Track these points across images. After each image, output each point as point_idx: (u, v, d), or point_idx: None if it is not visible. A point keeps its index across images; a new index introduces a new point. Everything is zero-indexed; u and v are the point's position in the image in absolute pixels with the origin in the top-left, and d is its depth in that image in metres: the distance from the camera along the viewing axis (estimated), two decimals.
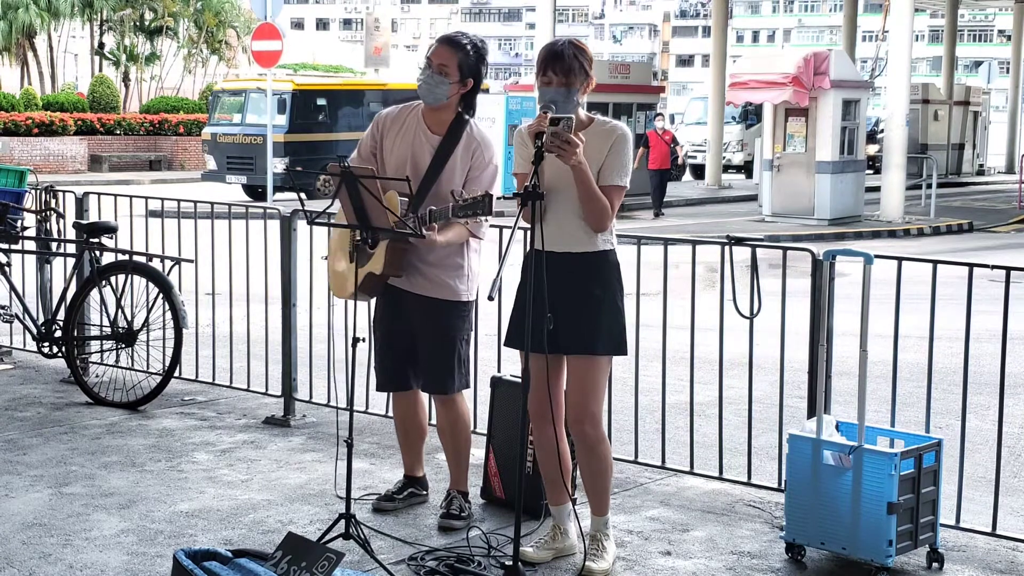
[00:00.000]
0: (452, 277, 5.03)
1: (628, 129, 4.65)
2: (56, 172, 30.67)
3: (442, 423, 5.27)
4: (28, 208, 8.09)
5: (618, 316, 4.60)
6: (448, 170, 4.96)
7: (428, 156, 4.99)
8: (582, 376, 4.60)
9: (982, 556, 4.94)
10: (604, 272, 4.58)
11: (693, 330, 5.99)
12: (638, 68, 29.48)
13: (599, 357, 4.60)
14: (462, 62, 4.95)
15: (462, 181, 4.95)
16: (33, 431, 6.58)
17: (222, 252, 7.40)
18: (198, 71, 46.57)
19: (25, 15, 40.27)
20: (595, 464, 4.70)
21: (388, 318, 5.15)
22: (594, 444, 4.66)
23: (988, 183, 34.98)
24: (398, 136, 5.08)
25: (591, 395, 4.61)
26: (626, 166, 4.57)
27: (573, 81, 4.50)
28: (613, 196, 4.52)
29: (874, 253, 4.85)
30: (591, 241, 4.56)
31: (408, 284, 5.02)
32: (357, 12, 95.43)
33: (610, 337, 4.58)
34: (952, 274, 5.33)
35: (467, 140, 4.99)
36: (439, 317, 5.05)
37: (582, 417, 4.62)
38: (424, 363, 5.15)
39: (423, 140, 5.02)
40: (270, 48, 21.39)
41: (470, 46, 4.98)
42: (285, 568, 4.04)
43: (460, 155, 4.97)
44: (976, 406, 6.71)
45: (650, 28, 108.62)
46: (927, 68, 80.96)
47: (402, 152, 5.03)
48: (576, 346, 4.57)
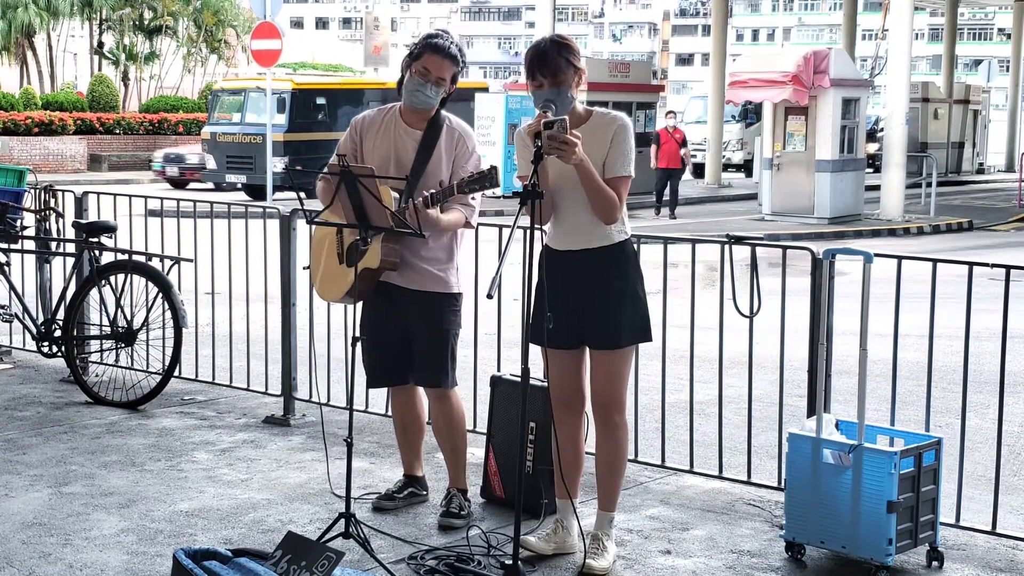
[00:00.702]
0: (443, 270, 5.07)
1: (628, 119, 4.67)
2: (55, 171, 30.65)
3: (438, 420, 5.28)
4: (28, 208, 8.09)
5: (640, 304, 4.65)
6: (433, 162, 5.00)
7: (412, 151, 5.03)
8: (608, 367, 4.67)
9: (982, 555, 4.94)
10: (623, 263, 4.63)
11: (693, 329, 5.99)
12: (638, 67, 29.45)
13: (624, 348, 4.66)
14: (455, 73, 5.04)
15: (448, 172, 4.98)
16: (33, 431, 6.58)
17: (222, 252, 7.40)
18: (197, 70, 46.58)
19: (24, 14, 40.28)
20: (614, 451, 4.74)
21: (380, 315, 5.14)
22: (617, 429, 4.72)
23: (988, 181, 34.99)
24: (378, 136, 5.11)
25: (617, 383, 4.69)
26: (629, 155, 4.59)
27: (563, 79, 4.51)
28: (620, 187, 4.55)
29: (874, 252, 4.85)
30: (606, 235, 4.59)
31: (400, 279, 5.04)
32: (356, 11, 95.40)
33: (633, 327, 4.64)
34: (952, 273, 5.33)
35: (448, 132, 5.05)
36: (432, 310, 5.07)
37: (609, 402, 4.69)
38: (419, 358, 5.15)
39: (404, 137, 5.06)
40: (269, 47, 21.38)
41: (459, 54, 5.03)
42: (285, 567, 4.04)
43: (444, 146, 5.03)
44: (976, 405, 6.71)
45: (650, 27, 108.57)
46: (927, 67, 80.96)
47: (384, 151, 5.06)
48: (602, 341, 4.63)
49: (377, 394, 6.52)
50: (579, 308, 4.61)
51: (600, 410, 4.72)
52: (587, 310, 4.61)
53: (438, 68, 4.97)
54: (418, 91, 4.99)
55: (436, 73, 4.97)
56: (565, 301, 4.59)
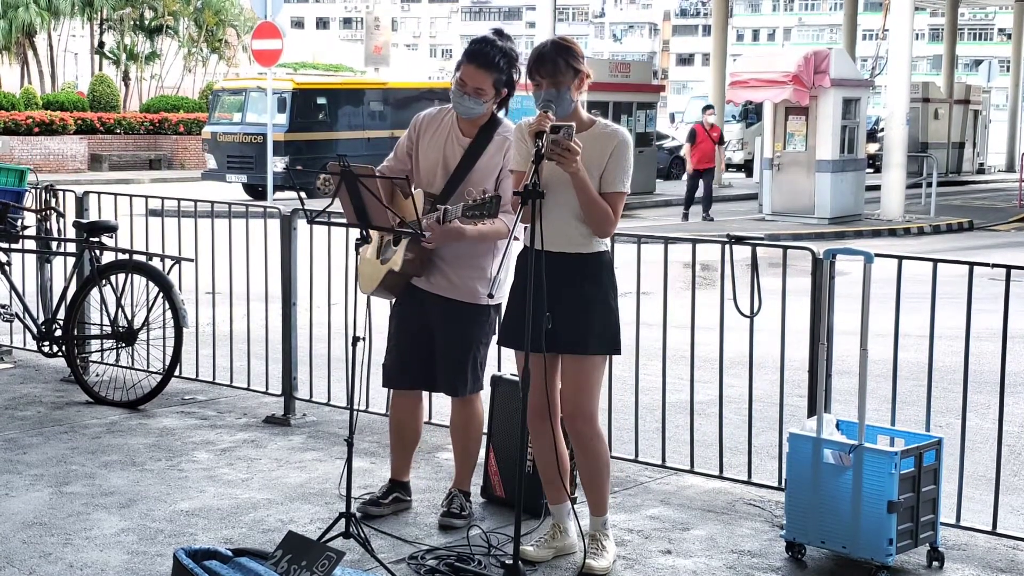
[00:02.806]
0: (474, 279, 4.98)
1: (629, 135, 4.65)
2: (56, 171, 30.65)
3: (456, 420, 5.25)
4: (28, 207, 8.09)
5: (610, 315, 4.60)
6: (478, 170, 4.93)
7: (459, 156, 4.98)
8: (575, 374, 4.61)
9: (982, 555, 4.94)
10: (596, 272, 4.59)
11: (693, 329, 5.99)
12: (638, 67, 29.44)
13: (592, 356, 4.61)
14: (496, 82, 4.90)
15: (495, 179, 4.93)
16: (33, 430, 6.58)
17: (222, 251, 7.40)
18: (198, 70, 46.57)
19: (25, 14, 40.28)
20: (591, 462, 4.70)
21: (408, 315, 5.11)
22: (589, 441, 4.67)
23: (988, 182, 35.00)
24: (433, 137, 5.05)
25: (585, 393, 4.62)
26: (627, 171, 4.56)
27: (561, 80, 4.49)
28: (615, 202, 4.53)
29: (874, 252, 4.85)
30: (585, 242, 4.57)
31: (428, 284, 5.01)
32: (357, 11, 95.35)
33: (602, 336, 4.59)
34: (952, 273, 5.32)
35: (499, 140, 4.96)
36: (456, 320, 5.02)
37: (576, 414, 4.63)
38: (440, 364, 5.12)
39: (455, 143, 5.00)
40: (270, 47, 21.39)
41: (503, 62, 4.88)
42: (285, 567, 4.04)
43: (492, 154, 4.95)
44: (976, 405, 6.71)
45: (650, 27, 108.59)
46: (927, 67, 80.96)
47: (434, 155, 5.01)
48: (569, 345, 4.57)
49: (377, 394, 6.52)
50: (549, 310, 4.51)
51: (569, 422, 4.66)
52: (557, 312, 4.51)
53: (473, 79, 4.86)
54: (459, 102, 4.92)
55: (472, 84, 4.86)
56: (539, 301, 4.52)
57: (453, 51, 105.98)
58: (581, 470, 4.77)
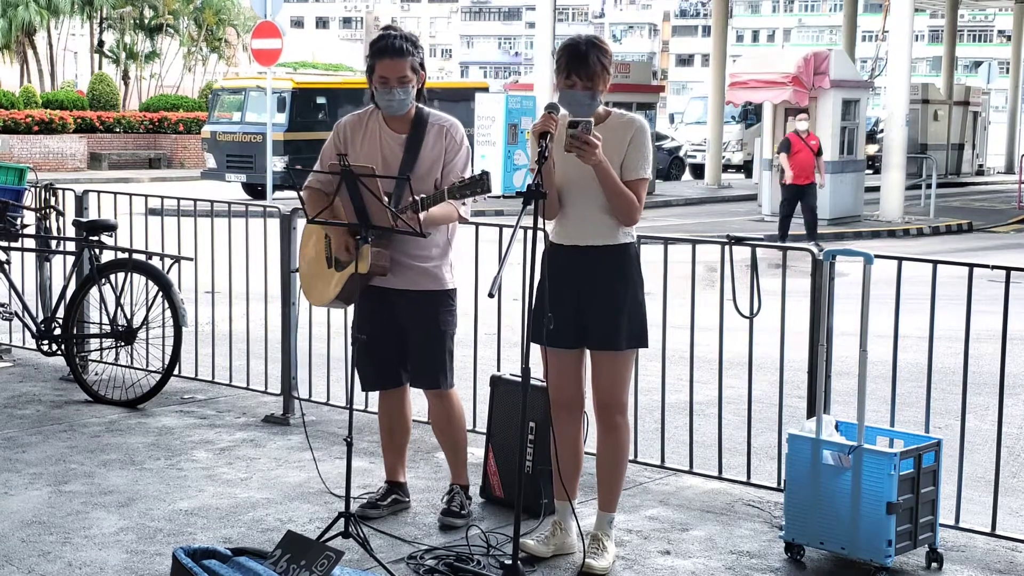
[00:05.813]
0: (436, 267, 5.03)
1: (645, 121, 4.70)
2: (56, 170, 30.65)
3: (439, 418, 5.25)
4: (28, 206, 8.09)
5: (639, 309, 4.67)
6: (422, 164, 4.97)
7: (399, 154, 4.99)
8: (608, 369, 4.69)
9: (981, 556, 4.94)
10: (625, 266, 4.64)
11: (693, 330, 5.99)
12: (638, 67, 29.44)
13: (623, 351, 4.68)
14: (412, 64, 4.94)
15: (439, 170, 4.96)
16: (32, 429, 6.58)
17: (222, 250, 7.40)
18: (198, 69, 46.60)
19: (25, 12, 40.31)
20: (617, 452, 4.76)
21: (373, 319, 5.08)
22: (620, 432, 4.74)
23: (988, 183, 34.99)
24: (364, 142, 5.07)
25: (618, 386, 4.72)
26: (648, 157, 4.63)
27: (597, 84, 4.55)
28: (638, 189, 4.59)
29: (874, 253, 4.85)
30: (612, 234, 4.62)
31: (393, 281, 5.00)
32: (357, 11, 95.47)
33: (631, 332, 4.66)
34: (952, 274, 5.33)
35: (436, 128, 5.01)
36: (427, 309, 5.04)
37: (611, 403, 4.71)
38: (416, 359, 5.13)
39: (390, 142, 5.02)
40: (270, 46, 21.37)
41: (409, 46, 4.93)
42: (284, 566, 4.04)
43: (432, 143, 4.99)
44: (975, 406, 6.71)
45: (650, 27, 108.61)
46: (927, 68, 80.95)
47: (370, 156, 5.01)
48: (600, 342, 4.65)
49: (376, 394, 6.51)
50: (580, 307, 4.63)
51: (603, 411, 4.74)
52: (587, 310, 4.63)
53: (394, 70, 4.89)
54: (388, 100, 4.94)
55: (395, 75, 4.89)
56: (566, 299, 4.61)
57: (453, 51, 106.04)
58: (602, 461, 4.81)
